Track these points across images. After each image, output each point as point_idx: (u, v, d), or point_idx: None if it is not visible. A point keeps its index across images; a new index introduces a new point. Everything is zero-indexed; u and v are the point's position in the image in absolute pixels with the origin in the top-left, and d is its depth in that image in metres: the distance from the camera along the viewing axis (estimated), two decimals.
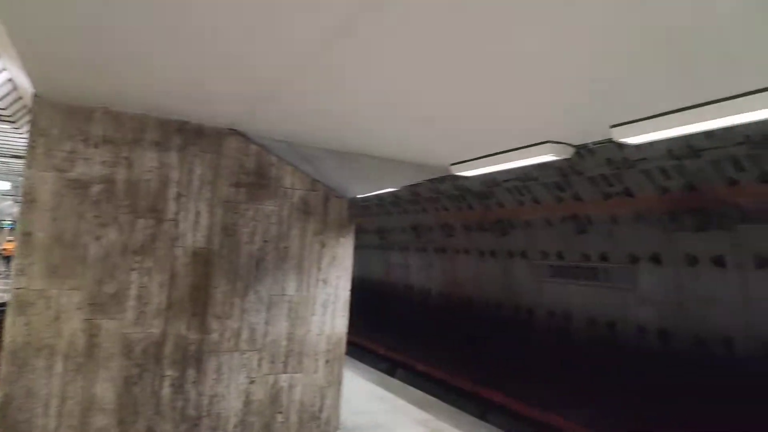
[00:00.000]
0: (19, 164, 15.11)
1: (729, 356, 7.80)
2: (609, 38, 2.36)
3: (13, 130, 10.41)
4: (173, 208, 4.87)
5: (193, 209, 4.95)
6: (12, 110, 8.13)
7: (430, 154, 5.14)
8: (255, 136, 5.11)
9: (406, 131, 4.47)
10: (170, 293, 4.84)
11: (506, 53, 2.67)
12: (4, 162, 16.52)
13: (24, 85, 4.78)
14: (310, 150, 5.10)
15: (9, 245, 27.29)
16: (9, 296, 4.45)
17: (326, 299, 5.58)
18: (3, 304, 8.95)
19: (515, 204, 11.08)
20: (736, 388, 7.59)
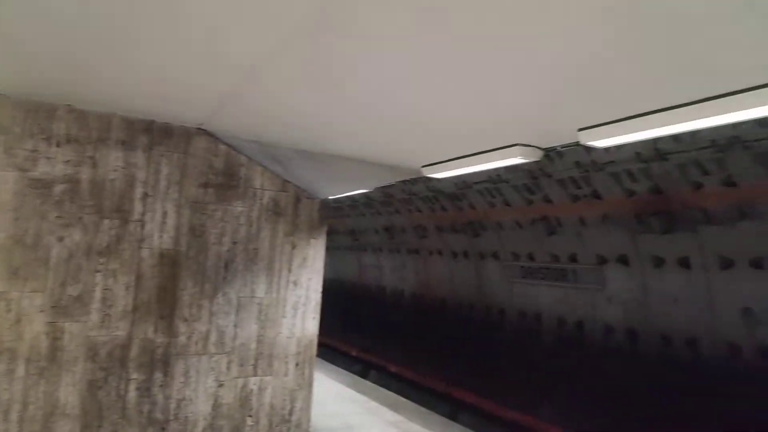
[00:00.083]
0: None
1: (694, 356, 7.98)
2: (575, 42, 2.40)
3: None
4: (139, 209, 4.79)
5: (160, 210, 4.88)
6: None
7: (402, 156, 5.14)
8: (224, 136, 5.06)
9: (377, 132, 4.47)
10: (136, 295, 4.76)
11: (474, 56, 2.69)
12: None
13: None
14: (281, 150, 5.06)
15: None
16: None
17: (297, 301, 5.55)
18: None
19: (487, 206, 11.16)
20: (699, 387, 7.78)
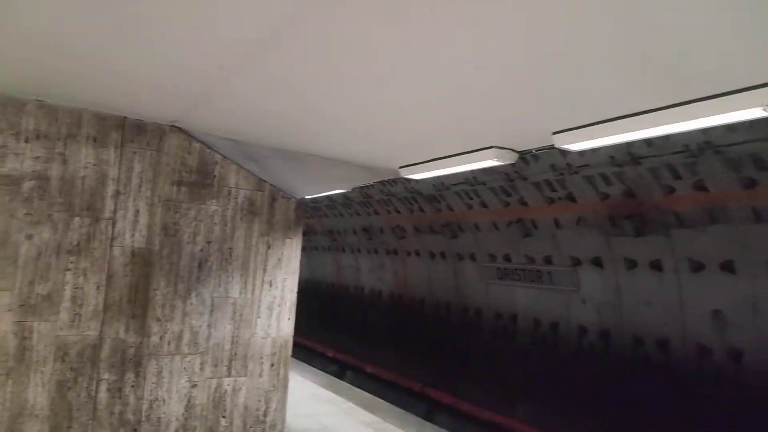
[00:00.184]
0: None
1: (665, 357, 8.13)
2: (549, 45, 2.41)
3: None
4: (111, 207, 4.71)
5: (132, 208, 4.80)
6: None
7: (379, 157, 5.14)
8: (198, 133, 4.99)
9: (354, 132, 4.45)
10: (107, 294, 4.68)
11: (449, 57, 2.70)
12: None
13: None
14: (256, 148, 5.01)
15: None
16: None
17: (272, 301, 5.51)
18: None
19: (464, 207, 11.23)
20: (670, 387, 7.93)
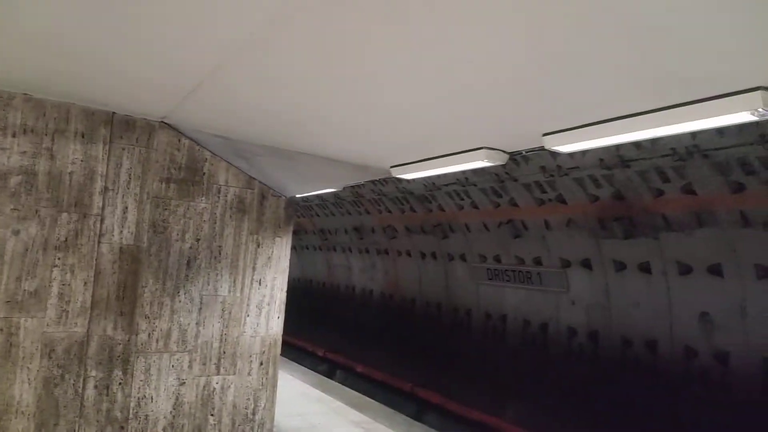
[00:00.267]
0: None
1: (653, 358, 8.19)
2: (540, 47, 2.42)
3: None
4: (99, 203, 4.67)
5: (121, 205, 4.77)
6: None
7: (370, 156, 5.14)
8: (188, 130, 4.97)
9: (345, 131, 4.45)
10: (95, 291, 4.64)
11: (440, 57, 2.70)
12: None
13: None
14: (246, 146, 4.99)
15: None
16: None
17: (261, 300, 5.49)
18: None
19: (455, 208, 11.26)
20: (659, 388, 7.98)
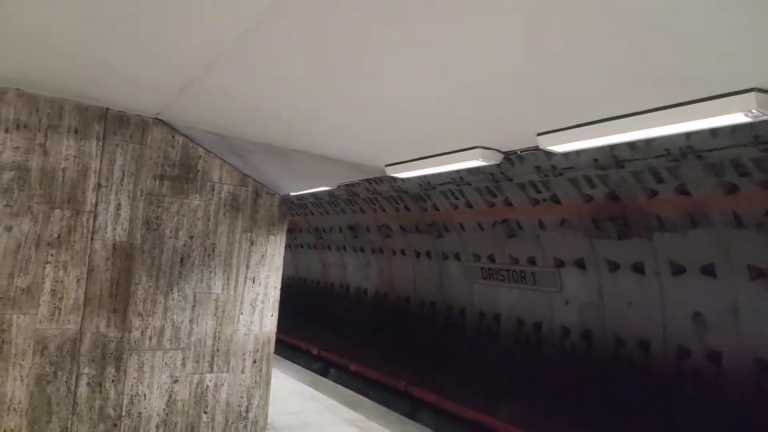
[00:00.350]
0: None
1: (646, 357, 8.22)
2: (540, 47, 2.42)
3: None
4: (92, 200, 4.66)
5: (114, 201, 4.76)
6: None
7: (365, 155, 5.13)
8: (182, 127, 4.95)
9: (340, 130, 4.45)
10: (88, 288, 4.63)
11: (436, 57, 2.70)
12: None
13: None
14: (240, 143, 4.98)
15: None
16: None
17: (255, 298, 5.49)
18: None
19: (450, 207, 11.27)
20: (651, 387, 8.02)
